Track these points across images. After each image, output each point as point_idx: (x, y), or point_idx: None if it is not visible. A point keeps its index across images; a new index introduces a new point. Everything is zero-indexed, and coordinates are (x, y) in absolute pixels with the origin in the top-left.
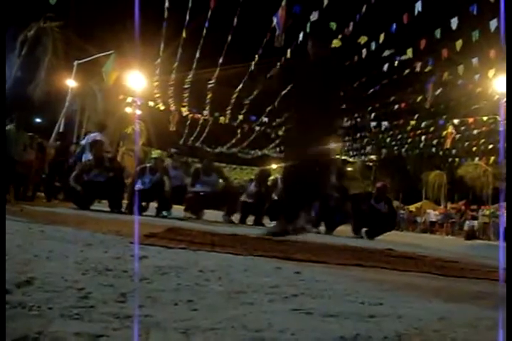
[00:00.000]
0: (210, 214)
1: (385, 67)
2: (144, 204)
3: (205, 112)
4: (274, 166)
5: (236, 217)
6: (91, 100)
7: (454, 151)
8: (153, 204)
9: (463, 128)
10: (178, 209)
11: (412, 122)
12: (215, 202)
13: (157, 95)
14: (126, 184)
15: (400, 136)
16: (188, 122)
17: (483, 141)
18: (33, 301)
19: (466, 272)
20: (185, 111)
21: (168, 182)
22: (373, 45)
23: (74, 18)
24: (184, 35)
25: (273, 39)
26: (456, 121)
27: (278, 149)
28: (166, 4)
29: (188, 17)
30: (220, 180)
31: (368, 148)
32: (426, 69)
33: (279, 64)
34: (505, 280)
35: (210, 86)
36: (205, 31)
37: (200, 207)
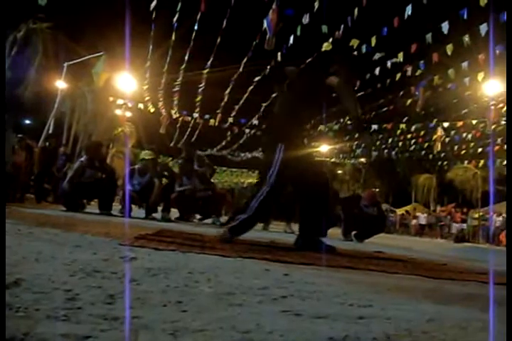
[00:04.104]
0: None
1: (376, 70)
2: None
3: (196, 114)
4: None
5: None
6: (81, 102)
7: (443, 154)
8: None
9: (453, 131)
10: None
11: (402, 125)
12: (202, 205)
13: (147, 97)
14: (118, 185)
15: (390, 139)
16: (179, 124)
17: (472, 144)
18: (20, 302)
19: (455, 274)
20: (175, 113)
21: (157, 184)
22: (364, 49)
23: (64, 19)
24: (174, 37)
25: (263, 41)
26: (445, 125)
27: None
28: (156, 6)
29: (178, 19)
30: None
31: (358, 151)
32: (416, 73)
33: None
34: (506, 282)
35: (200, 88)
36: (195, 33)
37: (188, 209)
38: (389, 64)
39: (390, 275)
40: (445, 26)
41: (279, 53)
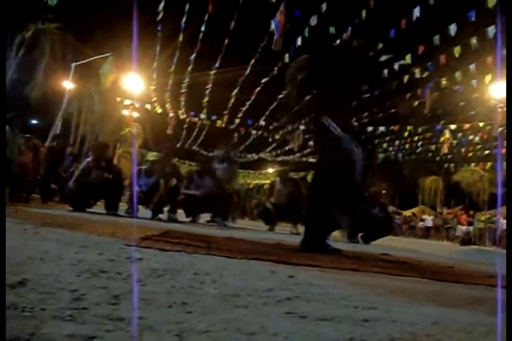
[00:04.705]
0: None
1: (385, 72)
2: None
3: (203, 115)
4: (270, 170)
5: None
6: (88, 102)
7: (450, 157)
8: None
9: (460, 134)
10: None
11: (409, 127)
12: (209, 205)
13: (154, 98)
14: (124, 186)
15: (396, 141)
16: (186, 125)
17: (479, 146)
18: (26, 302)
19: (461, 277)
20: (182, 114)
21: (163, 185)
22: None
23: (72, 20)
24: (181, 38)
25: (271, 43)
26: (452, 127)
27: (274, 153)
28: (164, 7)
29: (185, 20)
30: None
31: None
32: (424, 75)
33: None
34: (506, 285)
35: (207, 89)
36: (202, 34)
37: (195, 210)
38: (396, 66)
39: (395, 278)
40: (453, 28)
41: (286, 54)
